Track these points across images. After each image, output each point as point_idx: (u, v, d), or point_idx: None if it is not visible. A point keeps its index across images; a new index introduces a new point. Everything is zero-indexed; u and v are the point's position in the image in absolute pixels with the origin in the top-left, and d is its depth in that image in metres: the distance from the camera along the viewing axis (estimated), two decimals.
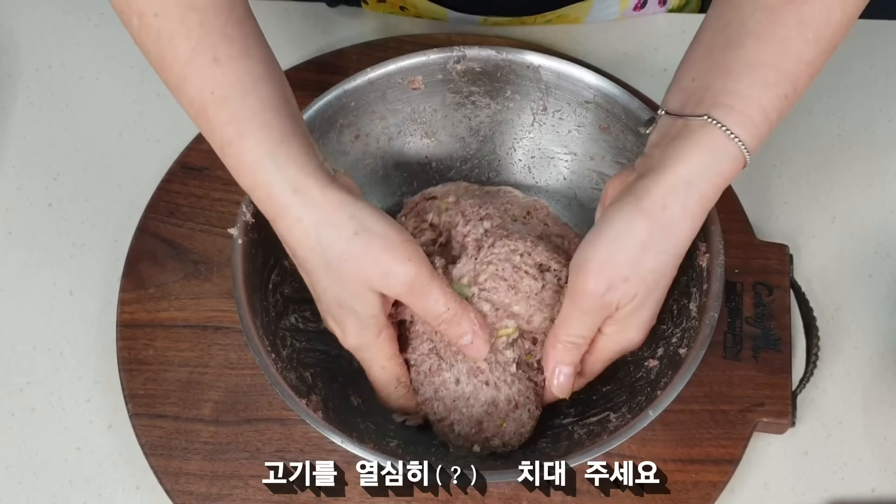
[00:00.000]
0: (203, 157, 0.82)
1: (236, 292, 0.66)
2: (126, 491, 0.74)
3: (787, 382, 0.75)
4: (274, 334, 0.69)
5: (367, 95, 0.74)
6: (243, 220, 0.68)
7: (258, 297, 0.69)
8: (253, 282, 0.68)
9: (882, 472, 0.75)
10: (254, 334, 0.65)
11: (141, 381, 0.75)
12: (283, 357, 0.68)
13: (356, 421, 0.69)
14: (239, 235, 0.67)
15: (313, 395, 0.67)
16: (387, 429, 0.71)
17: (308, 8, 0.92)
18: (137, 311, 0.77)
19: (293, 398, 0.64)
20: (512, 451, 0.70)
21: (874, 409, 0.77)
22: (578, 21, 0.92)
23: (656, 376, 0.68)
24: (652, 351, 0.70)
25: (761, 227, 0.83)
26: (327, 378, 0.72)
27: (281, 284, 0.72)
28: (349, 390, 0.72)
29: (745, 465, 0.74)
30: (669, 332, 0.70)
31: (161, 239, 0.80)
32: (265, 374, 0.65)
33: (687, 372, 0.64)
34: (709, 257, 0.67)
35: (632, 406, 0.67)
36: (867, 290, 0.81)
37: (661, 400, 0.64)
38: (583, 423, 0.70)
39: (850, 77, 0.90)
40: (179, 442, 0.73)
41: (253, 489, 0.71)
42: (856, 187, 0.85)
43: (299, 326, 0.73)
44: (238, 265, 0.67)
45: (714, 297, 0.66)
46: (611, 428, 0.66)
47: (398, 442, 0.69)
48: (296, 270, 0.70)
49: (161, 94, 0.87)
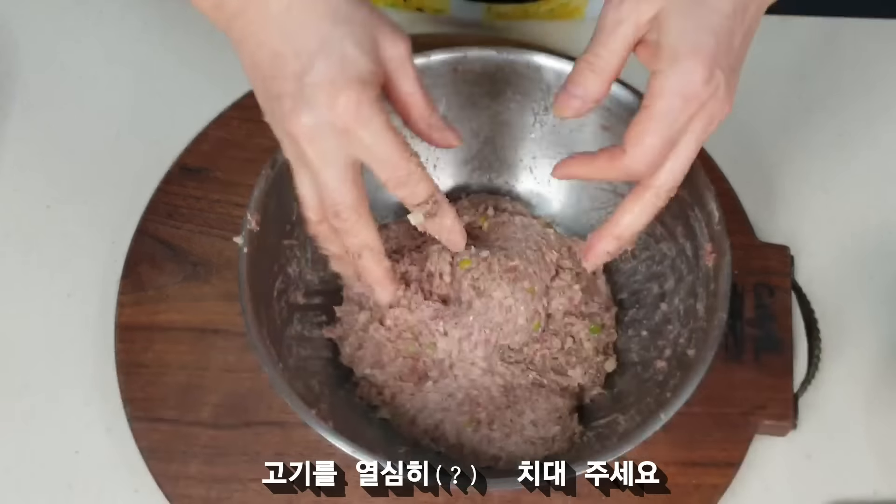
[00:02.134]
0: (202, 158, 0.82)
1: (243, 302, 0.65)
2: (125, 495, 0.73)
3: (789, 384, 0.75)
4: (280, 343, 0.68)
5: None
6: (248, 229, 0.67)
7: (263, 305, 0.68)
8: (257, 291, 0.67)
9: (884, 474, 0.75)
10: (261, 344, 0.64)
11: (140, 384, 0.74)
12: (290, 366, 0.67)
13: (363, 429, 0.69)
14: (244, 244, 0.66)
15: (322, 404, 0.66)
16: (394, 435, 0.70)
17: None
18: (136, 313, 0.77)
19: (304, 409, 0.63)
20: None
21: (876, 412, 0.77)
22: (579, 11, 0.91)
23: (664, 378, 0.68)
24: (659, 352, 0.70)
25: (762, 228, 0.83)
26: (333, 386, 0.71)
27: (285, 292, 0.71)
28: (354, 399, 0.72)
29: (747, 468, 0.74)
30: (677, 333, 0.69)
31: (160, 241, 0.79)
32: (274, 386, 0.64)
33: (697, 374, 0.64)
34: (715, 257, 0.67)
35: (640, 408, 0.67)
36: (869, 291, 0.81)
37: (673, 403, 0.63)
38: (591, 426, 0.70)
39: (852, 77, 0.90)
40: (178, 445, 0.72)
41: (252, 492, 0.71)
42: (857, 188, 0.85)
43: (304, 334, 0.72)
44: (244, 274, 0.66)
45: (722, 297, 0.66)
46: (620, 431, 0.66)
47: (406, 448, 0.69)
48: (301, 277, 0.71)
49: (160, 95, 0.87)
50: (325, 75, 0.57)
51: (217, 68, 0.88)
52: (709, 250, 0.67)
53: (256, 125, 0.82)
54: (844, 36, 0.91)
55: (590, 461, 0.62)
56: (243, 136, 0.83)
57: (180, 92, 0.87)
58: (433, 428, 0.70)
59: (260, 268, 0.68)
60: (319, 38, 0.57)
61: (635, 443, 0.62)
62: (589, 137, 0.75)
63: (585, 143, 0.76)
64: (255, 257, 0.67)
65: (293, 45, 0.57)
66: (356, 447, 0.62)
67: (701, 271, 0.68)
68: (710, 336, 0.65)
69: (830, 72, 0.90)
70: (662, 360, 0.69)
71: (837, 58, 0.91)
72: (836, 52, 0.91)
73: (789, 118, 0.88)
